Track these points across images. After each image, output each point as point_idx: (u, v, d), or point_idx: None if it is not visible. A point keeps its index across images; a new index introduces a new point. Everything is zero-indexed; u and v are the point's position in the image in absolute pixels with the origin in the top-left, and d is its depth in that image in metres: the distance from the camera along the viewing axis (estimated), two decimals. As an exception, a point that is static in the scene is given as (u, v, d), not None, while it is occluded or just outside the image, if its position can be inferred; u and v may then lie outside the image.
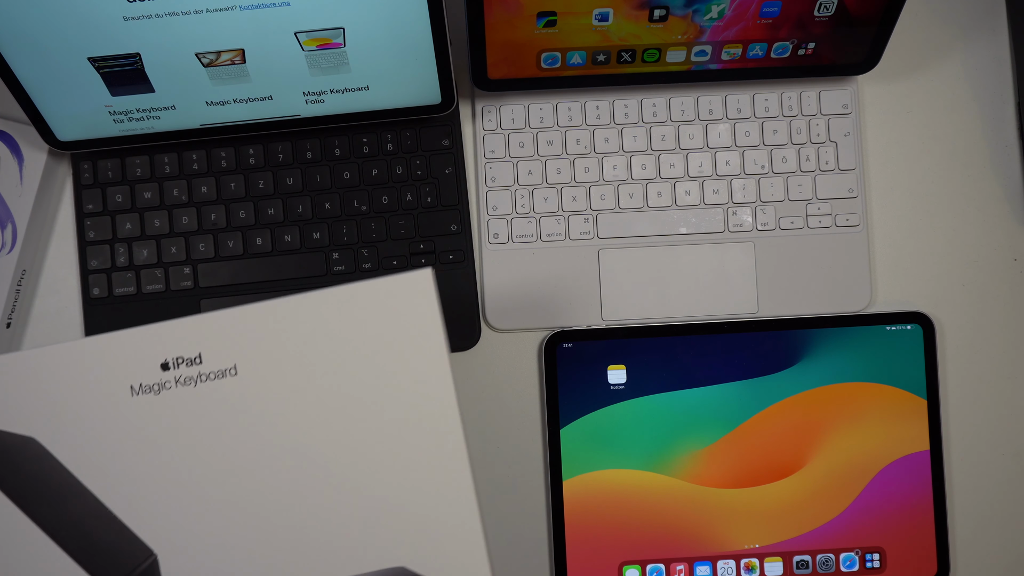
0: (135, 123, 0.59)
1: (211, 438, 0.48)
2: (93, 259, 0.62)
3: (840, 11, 0.58)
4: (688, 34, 0.59)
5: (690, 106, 0.65)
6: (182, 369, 0.48)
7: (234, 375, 0.48)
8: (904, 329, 0.63)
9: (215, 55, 0.55)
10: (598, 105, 0.64)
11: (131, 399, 0.47)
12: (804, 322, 0.63)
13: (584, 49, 0.60)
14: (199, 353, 0.48)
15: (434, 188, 0.63)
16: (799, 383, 0.63)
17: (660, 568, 0.62)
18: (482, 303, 0.63)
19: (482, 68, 0.60)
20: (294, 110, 0.60)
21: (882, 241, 0.66)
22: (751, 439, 0.62)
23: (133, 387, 0.48)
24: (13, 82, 0.55)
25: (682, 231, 0.64)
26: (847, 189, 0.65)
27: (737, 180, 0.64)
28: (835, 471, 0.62)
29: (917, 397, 0.63)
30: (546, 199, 0.64)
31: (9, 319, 0.61)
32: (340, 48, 0.55)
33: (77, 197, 0.63)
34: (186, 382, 0.48)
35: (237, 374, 0.48)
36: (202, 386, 0.48)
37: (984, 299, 0.65)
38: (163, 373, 0.48)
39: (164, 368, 0.48)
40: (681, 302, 0.63)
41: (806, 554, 0.62)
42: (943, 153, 0.66)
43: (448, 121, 0.63)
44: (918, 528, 0.62)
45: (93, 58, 0.54)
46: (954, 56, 0.67)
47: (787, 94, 0.65)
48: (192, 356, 0.48)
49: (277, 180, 0.63)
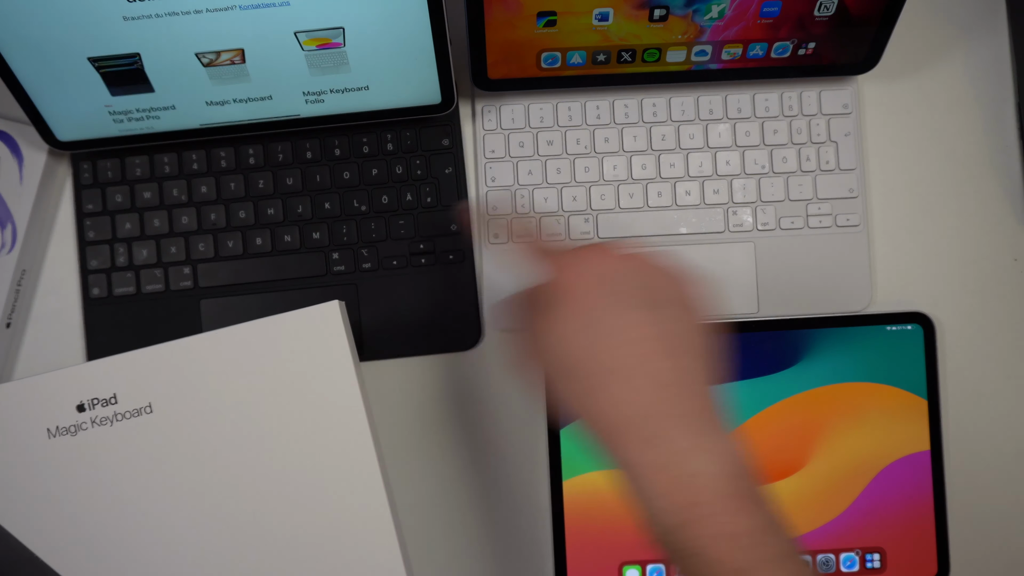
0: (135, 123, 0.59)
1: (130, 475, 0.49)
2: (93, 259, 0.62)
3: (840, 11, 0.58)
4: (688, 34, 0.59)
5: (690, 106, 0.65)
6: (98, 410, 0.49)
7: (149, 413, 0.49)
8: (904, 329, 0.63)
9: (215, 55, 0.55)
10: (598, 105, 0.64)
11: (48, 441, 0.49)
12: (804, 322, 0.63)
13: (584, 49, 0.60)
14: (114, 393, 0.49)
15: (434, 188, 0.63)
16: (799, 383, 0.62)
17: (660, 568, 0.62)
18: (482, 303, 0.63)
19: (482, 68, 0.60)
20: (294, 110, 0.60)
21: (882, 241, 0.66)
22: (751, 439, 0.62)
23: (50, 429, 0.49)
24: (13, 82, 0.55)
25: (682, 231, 0.64)
26: (847, 189, 0.64)
27: (737, 180, 0.64)
28: (835, 471, 0.62)
29: (917, 397, 0.63)
30: (546, 199, 0.64)
31: (9, 319, 0.61)
32: (340, 48, 0.55)
33: (77, 197, 0.63)
34: (102, 422, 0.49)
35: (152, 412, 0.49)
36: (118, 425, 0.49)
37: (984, 299, 0.65)
38: (79, 414, 0.49)
39: (80, 409, 0.49)
40: (681, 302, 0.63)
41: (806, 554, 0.62)
42: (943, 153, 0.66)
43: (448, 121, 0.63)
44: (918, 528, 0.62)
45: (93, 58, 0.54)
46: (954, 56, 0.67)
47: (787, 94, 0.65)
48: (107, 396, 0.49)
49: (277, 180, 0.63)
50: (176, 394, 0.49)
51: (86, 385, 0.49)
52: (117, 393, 0.49)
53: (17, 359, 0.63)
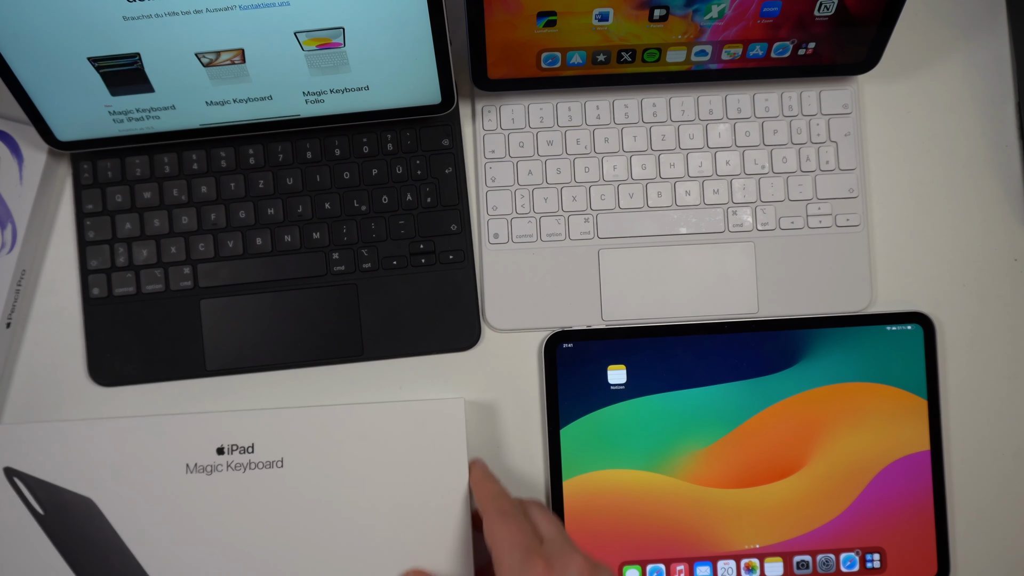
0: (135, 123, 0.59)
1: (252, 520, 0.54)
2: (93, 259, 0.62)
3: (840, 11, 0.58)
4: (688, 34, 0.59)
5: (690, 106, 0.65)
6: (235, 455, 0.55)
7: (280, 467, 0.55)
8: (904, 329, 0.63)
9: (215, 55, 0.55)
10: (598, 105, 0.64)
11: (185, 476, 0.54)
12: (804, 322, 0.63)
13: (584, 49, 0.60)
14: (252, 443, 0.55)
15: (434, 188, 0.63)
16: (799, 383, 0.63)
17: (660, 568, 0.62)
18: (482, 303, 0.63)
19: (482, 68, 0.60)
20: (294, 110, 0.60)
21: (882, 241, 0.66)
22: (751, 439, 0.62)
23: (189, 465, 0.54)
24: (13, 82, 0.55)
25: (682, 231, 0.64)
26: (847, 189, 0.64)
27: (737, 180, 0.64)
28: (835, 471, 0.62)
29: (917, 397, 0.63)
30: (546, 199, 0.64)
31: (9, 319, 0.61)
32: (340, 48, 0.55)
33: (77, 197, 0.63)
34: (237, 467, 0.55)
35: (283, 466, 0.55)
36: (251, 473, 0.54)
37: (984, 299, 0.65)
38: (218, 457, 0.55)
39: (219, 452, 0.55)
40: (681, 302, 0.63)
41: (806, 554, 0.62)
42: (943, 153, 0.66)
43: (448, 121, 0.63)
44: (918, 528, 0.62)
45: (93, 58, 0.54)
46: (954, 56, 0.67)
47: (787, 94, 0.65)
48: (246, 445, 0.55)
49: (277, 180, 0.63)
50: (307, 454, 0.55)
51: (229, 431, 0.55)
52: (255, 444, 0.55)
53: (17, 359, 0.63)
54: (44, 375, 0.63)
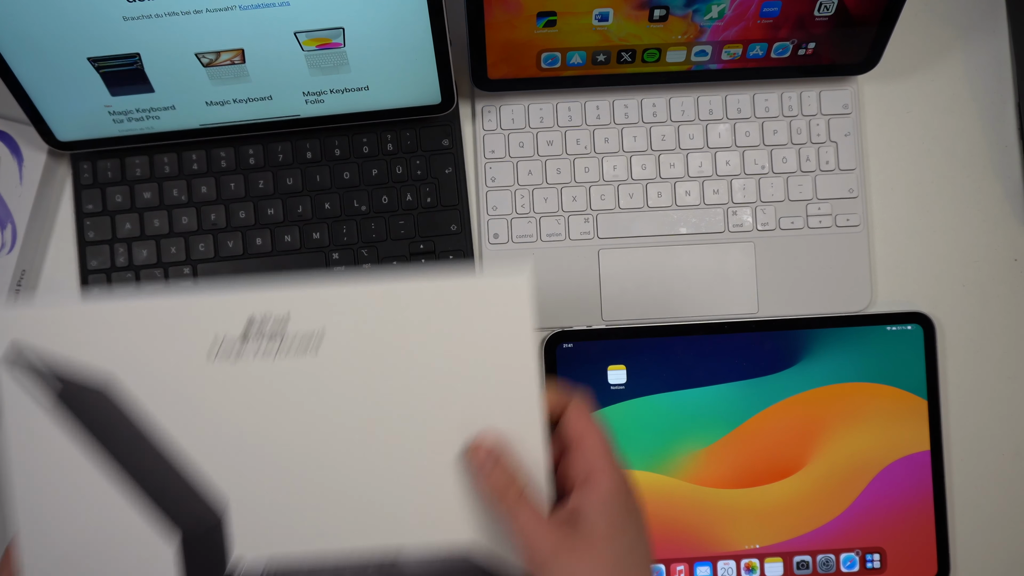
0: (135, 123, 0.59)
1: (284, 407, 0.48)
2: (93, 259, 0.62)
3: (840, 11, 0.58)
4: (688, 34, 0.59)
5: (690, 106, 0.65)
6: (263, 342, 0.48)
7: (315, 353, 0.47)
8: (904, 329, 0.63)
9: (215, 55, 0.55)
10: (598, 105, 0.64)
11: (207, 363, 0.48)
12: (804, 322, 0.63)
13: (584, 49, 0.60)
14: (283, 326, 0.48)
15: (434, 188, 0.63)
16: (799, 383, 0.62)
17: (660, 568, 0.62)
18: (482, 303, 0.63)
19: (482, 68, 0.60)
20: (294, 110, 0.60)
21: (882, 241, 0.66)
22: (751, 439, 0.62)
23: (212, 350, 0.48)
24: (13, 82, 0.55)
25: (682, 231, 0.64)
26: (847, 189, 0.64)
27: (737, 180, 0.64)
28: (835, 471, 0.62)
29: (917, 397, 0.63)
30: (546, 199, 0.64)
31: (9, 319, 0.61)
32: (340, 48, 0.55)
33: (77, 197, 0.63)
34: (266, 353, 0.47)
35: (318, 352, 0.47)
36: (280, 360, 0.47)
37: (984, 299, 0.65)
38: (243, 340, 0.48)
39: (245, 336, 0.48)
40: (681, 302, 0.63)
41: (806, 554, 0.62)
42: (943, 153, 0.66)
43: (448, 121, 0.63)
44: (918, 528, 0.62)
45: (93, 58, 0.54)
46: (954, 56, 0.67)
47: (787, 94, 0.65)
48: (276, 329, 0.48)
49: (277, 180, 0.63)
50: (345, 338, 0.47)
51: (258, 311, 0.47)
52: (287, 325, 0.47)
53: (17, 359, 0.63)
54: (44, 375, 0.63)
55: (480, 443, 0.45)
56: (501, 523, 0.44)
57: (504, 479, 0.44)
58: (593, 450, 0.44)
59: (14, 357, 0.47)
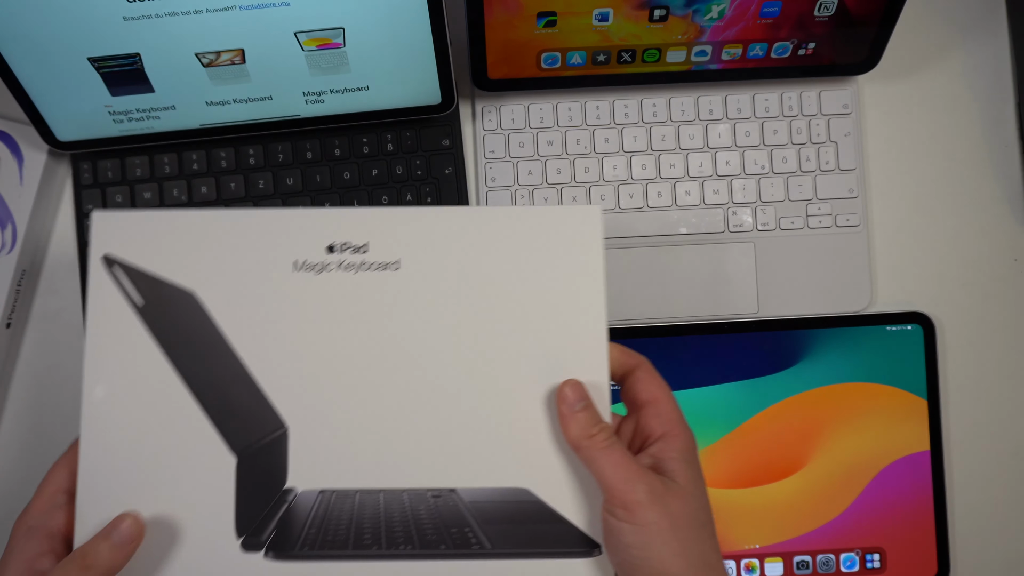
0: (135, 123, 0.59)
1: (361, 325, 0.48)
2: (93, 259, 0.62)
3: (840, 11, 0.58)
4: (688, 34, 0.59)
5: (690, 106, 0.65)
6: (347, 255, 0.48)
7: (396, 270, 0.49)
8: (904, 329, 0.63)
9: (215, 55, 0.55)
10: (598, 105, 0.64)
11: (291, 274, 0.48)
12: (804, 322, 0.63)
13: (584, 49, 0.60)
14: (367, 242, 0.49)
15: (434, 188, 0.63)
16: (799, 383, 0.62)
17: (660, 568, 0.62)
18: (482, 303, 0.63)
19: (482, 68, 0.60)
20: (294, 110, 0.60)
21: (882, 241, 0.66)
22: (751, 439, 0.62)
23: (296, 263, 0.48)
24: (13, 82, 0.55)
25: (682, 231, 0.64)
26: (847, 189, 0.64)
27: (737, 180, 0.64)
28: (835, 471, 0.62)
29: (917, 397, 0.63)
30: (546, 199, 0.64)
31: (9, 319, 0.61)
32: (340, 48, 0.55)
33: (77, 197, 0.63)
34: (348, 268, 0.48)
35: (399, 269, 0.48)
36: (363, 274, 0.48)
37: (984, 299, 0.65)
38: (328, 255, 0.48)
39: (330, 250, 0.48)
40: (681, 302, 0.63)
41: (806, 554, 0.62)
42: (943, 153, 0.66)
43: (448, 121, 0.63)
44: (918, 528, 0.62)
45: (93, 58, 0.54)
46: (954, 56, 0.67)
47: (787, 94, 0.65)
48: (359, 244, 0.49)
49: (277, 180, 0.63)
50: (425, 258, 0.49)
51: (342, 229, 0.49)
52: (370, 243, 0.49)
53: (17, 359, 0.63)
54: (44, 375, 0.63)
55: (570, 382, 0.46)
56: (588, 465, 0.44)
57: (594, 419, 0.44)
58: (669, 410, 0.46)
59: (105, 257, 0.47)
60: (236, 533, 0.46)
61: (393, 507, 0.48)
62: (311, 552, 0.46)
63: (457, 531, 0.47)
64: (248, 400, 0.48)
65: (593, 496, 0.46)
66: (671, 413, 0.46)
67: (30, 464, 0.62)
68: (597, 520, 0.46)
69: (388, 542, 0.47)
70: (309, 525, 0.47)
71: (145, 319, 0.48)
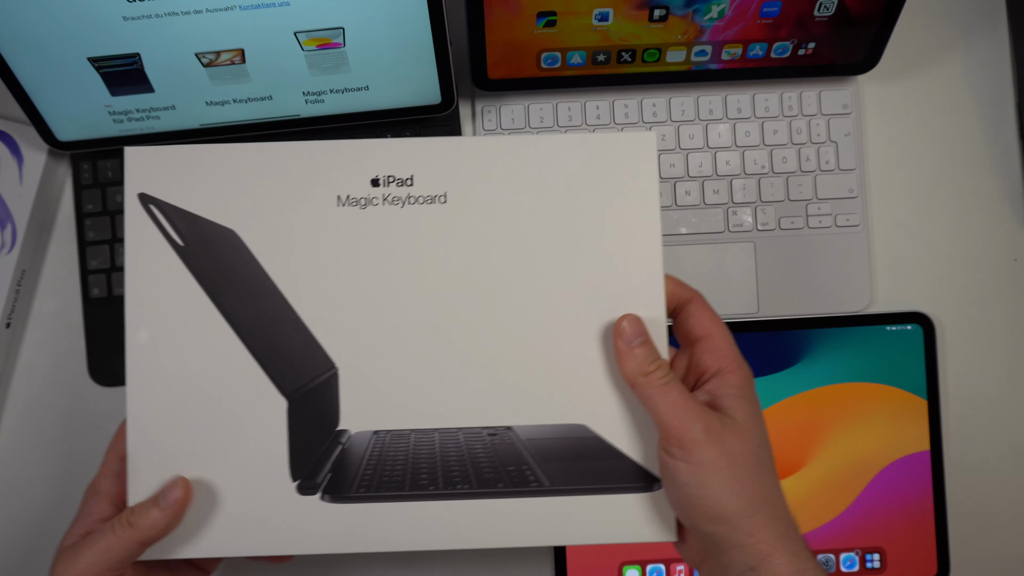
0: (135, 123, 0.59)
1: (409, 261, 0.47)
2: (93, 259, 0.62)
3: (840, 11, 0.58)
4: (688, 34, 0.59)
5: (690, 106, 0.65)
6: (392, 188, 0.47)
7: (443, 203, 0.47)
8: (904, 329, 0.63)
9: (215, 55, 0.55)
10: (598, 105, 0.64)
11: (336, 209, 0.47)
12: (804, 322, 0.63)
13: (584, 49, 0.60)
14: (412, 175, 0.47)
15: (434, 188, 0.63)
16: (799, 383, 0.62)
17: (660, 568, 0.62)
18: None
19: (482, 68, 0.60)
20: (294, 110, 0.60)
21: (882, 241, 0.66)
22: (751, 439, 0.62)
23: (340, 197, 0.47)
24: (13, 82, 0.55)
25: (682, 231, 0.64)
26: (847, 189, 0.64)
27: (737, 180, 0.64)
28: (835, 471, 0.62)
29: (917, 397, 0.63)
30: (546, 199, 0.64)
31: (9, 319, 0.61)
32: (340, 48, 0.55)
33: (77, 197, 0.63)
34: (394, 201, 0.47)
35: (446, 202, 0.47)
36: (409, 208, 0.47)
37: (984, 299, 0.65)
38: (372, 189, 0.47)
39: (374, 184, 0.47)
40: (681, 302, 0.63)
41: (806, 554, 0.62)
42: (943, 153, 0.66)
43: (448, 121, 0.63)
44: (918, 528, 0.62)
45: (93, 58, 0.54)
46: (954, 56, 0.67)
47: (787, 94, 0.65)
48: (404, 177, 0.47)
49: (277, 180, 0.63)
50: (473, 190, 0.47)
51: (386, 161, 0.47)
52: (415, 176, 0.47)
53: (17, 359, 0.63)
54: (44, 375, 0.63)
55: (628, 316, 0.45)
56: (644, 402, 0.43)
57: (651, 356, 0.43)
58: (725, 344, 0.44)
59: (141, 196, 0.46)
60: (291, 477, 0.45)
61: (449, 446, 0.46)
62: (368, 494, 0.45)
63: (515, 469, 0.46)
64: (296, 341, 0.46)
65: (651, 431, 0.45)
66: (727, 348, 0.44)
67: (30, 464, 0.62)
68: (655, 455, 0.44)
69: (445, 482, 0.45)
70: (364, 466, 0.46)
71: (186, 260, 0.46)
